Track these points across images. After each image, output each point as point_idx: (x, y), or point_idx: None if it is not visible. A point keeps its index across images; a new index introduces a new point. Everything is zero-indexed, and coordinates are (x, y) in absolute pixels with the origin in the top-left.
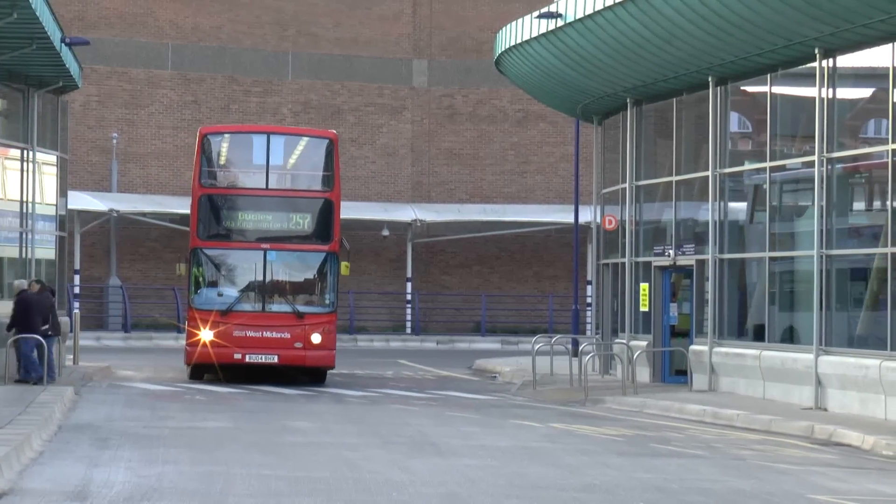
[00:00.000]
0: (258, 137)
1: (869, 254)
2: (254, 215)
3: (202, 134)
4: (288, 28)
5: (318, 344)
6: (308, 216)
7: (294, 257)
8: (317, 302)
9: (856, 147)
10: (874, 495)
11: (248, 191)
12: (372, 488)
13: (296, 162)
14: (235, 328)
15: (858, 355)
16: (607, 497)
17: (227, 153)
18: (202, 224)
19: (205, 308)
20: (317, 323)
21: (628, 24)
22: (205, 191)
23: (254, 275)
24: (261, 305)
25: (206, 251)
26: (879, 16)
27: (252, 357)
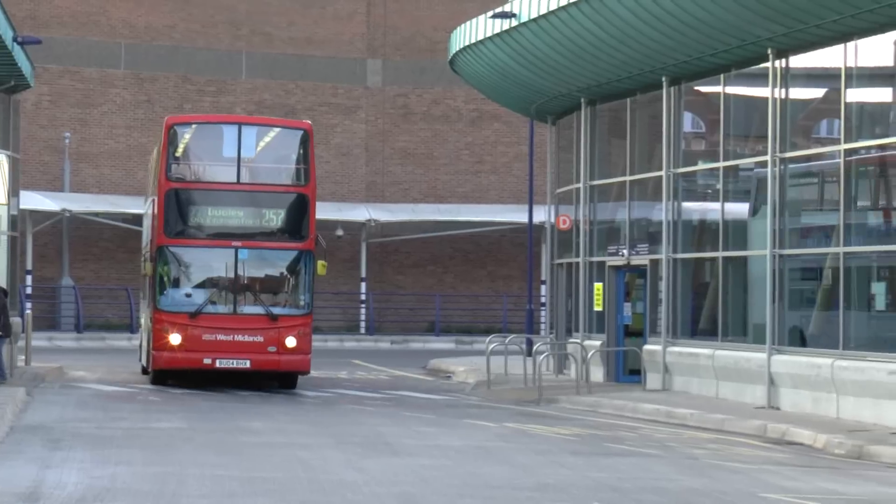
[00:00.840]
0: (228, 128)
1: (821, 253)
2: (224, 211)
3: (169, 124)
4: (241, 27)
5: (292, 348)
6: (282, 212)
7: (267, 256)
8: (291, 303)
9: (808, 147)
10: (826, 493)
11: (218, 185)
12: (326, 488)
13: (268, 154)
14: (205, 331)
15: (811, 354)
16: (561, 496)
17: (196, 145)
18: (169, 220)
19: (172, 310)
20: (291, 325)
21: (582, 25)
22: (172, 185)
23: (224, 274)
24: (232, 307)
25: (173, 249)
26: (832, 16)
27: (223, 362)
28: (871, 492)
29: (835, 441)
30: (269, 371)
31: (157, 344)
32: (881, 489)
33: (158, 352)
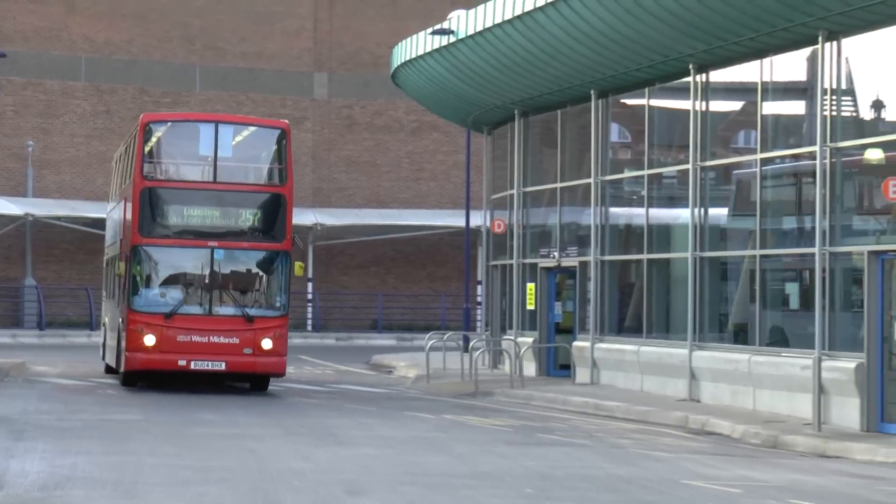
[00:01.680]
0: (205, 126)
1: (739, 255)
2: (200, 210)
3: (144, 122)
4: (195, 42)
5: (268, 350)
6: (258, 212)
7: (243, 256)
8: (267, 304)
9: (727, 156)
10: (743, 480)
11: (194, 184)
12: (275, 476)
13: (245, 153)
14: (180, 332)
15: (729, 350)
16: (496, 483)
17: (172, 143)
18: (143, 219)
19: (146, 310)
20: (267, 327)
21: (516, 41)
22: (147, 183)
23: (200, 275)
24: (207, 308)
25: (147, 249)
26: (749, 34)
27: (198, 364)
28: (786, 479)
29: (752, 431)
30: (245, 373)
31: (130, 345)
32: (794, 476)
33: (132, 353)
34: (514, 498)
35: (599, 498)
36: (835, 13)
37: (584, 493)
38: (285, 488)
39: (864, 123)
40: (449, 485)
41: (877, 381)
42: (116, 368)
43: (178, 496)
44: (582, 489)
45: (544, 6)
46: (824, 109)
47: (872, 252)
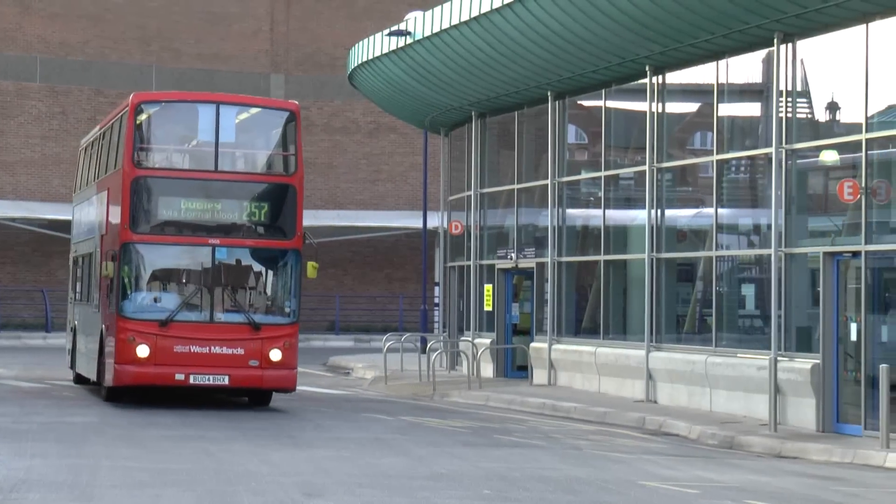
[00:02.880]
0: (205, 108)
1: (695, 257)
2: (200, 203)
3: (135, 102)
4: (152, 43)
5: (277, 362)
6: (266, 205)
7: (249, 255)
8: (276, 310)
9: (684, 157)
10: (700, 481)
11: (193, 173)
12: (232, 478)
13: (250, 138)
14: (177, 342)
15: (686, 351)
16: (453, 485)
17: (167, 126)
18: (136, 213)
19: (138, 317)
20: (276, 336)
21: (473, 42)
22: (139, 172)
23: (200, 276)
24: (208, 314)
25: (139, 247)
26: (704, 35)
27: (198, 378)
28: (742, 479)
29: (708, 432)
30: (250, 388)
31: (120, 356)
32: (751, 476)
33: (123, 365)
34: (472, 499)
35: (556, 499)
36: (790, 15)
37: (541, 494)
38: (243, 490)
39: (819, 125)
40: (407, 486)
41: (832, 381)
42: (98, 381)
43: (134, 498)
44: (539, 490)
45: (501, 8)
46: (780, 111)
47: (828, 253)
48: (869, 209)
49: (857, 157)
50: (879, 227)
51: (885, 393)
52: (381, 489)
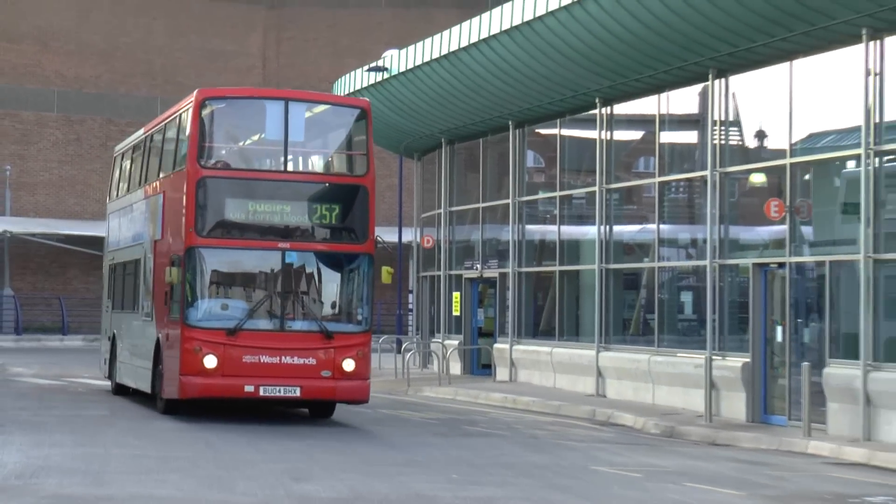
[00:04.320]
0: (273, 105)
1: (639, 267)
2: (269, 205)
3: (200, 99)
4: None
5: (350, 372)
6: (337, 207)
7: (320, 259)
8: (348, 317)
9: (629, 179)
10: (644, 466)
11: (262, 174)
12: (229, 465)
13: (320, 137)
14: (246, 352)
15: (632, 351)
16: (427, 470)
17: (233, 124)
18: (201, 216)
19: (204, 325)
20: (349, 345)
21: (443, 77)
22: (205, 173)
23: (269, 282)
24: (278, 322)
25: (205, 251)
26: (648, 71)
27: (268, 390)
28: (681, 464)
29: (651, 423)
30: (322, 400)
31: (186, 367)
32: (689, 462)
33: (188, 377)
34: (443, 483)
35: (518, 482)
36: (723, 54)
37: (503, 478)
38: (238, 476)
39: (749, 151)
40: (386, 472)
41: (760, 377)
42: (153, 393)
43: (141, 483)
44: (502, 475)
45: (468, 46)
46: (714, 138)
47: (757, 264)
48: (793, 225)
49: (783, 179)
50: (802, 241)
51: (807, 388)
52: (362, 474)
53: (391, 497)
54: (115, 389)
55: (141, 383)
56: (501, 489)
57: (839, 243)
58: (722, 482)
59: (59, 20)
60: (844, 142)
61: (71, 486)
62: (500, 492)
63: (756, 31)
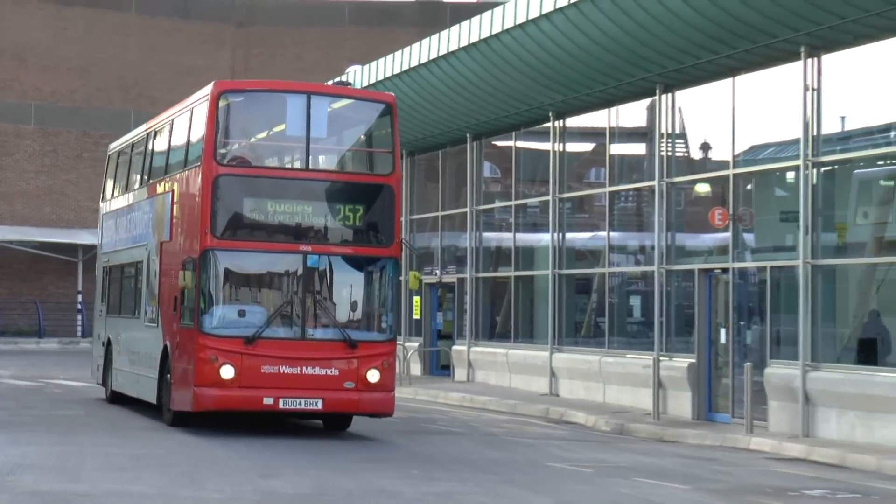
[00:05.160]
0: (295, 99)
1: (591, 273)
2: (289, 206)
3: (217, 92)
4: (130, 91)
5: (375, 383)
6: (361, 208)
7: (343, 263)
8: (373, 325)
9: (581, 189)
10: (596, 462)
11: (283, 171)
12: (200, 462)
13: (344, 133)
14: (265, 362)
15: (583, 352)
16: (389, 466)
17: (253, 119)
18: (218, 216)
19: (220, 333)
20: (373, 354)
21: (403, 91)
22: (222, 170)
23: (289, 287)
24: (299, 330)
25: (222, 254)
26: (598, 86)
27: (288, 402)
28: (631, 459)
29: (602, 421)
30: (345, 413)
31: (200, 378)
32: (638, 458)
33: (203, 388)
34: (404, 478)
35: (476, 478)
36: (670, 70)
37: (462, 473)
38: (209, 473)
39: (694, 162)
40: (350, 468)
41: (705, 377)
42: (159, 404)
43: (115, 479)
44: (459, 470)
45: (427, 62)
46: (661, 150)
47: (702, 270)
48: (736, 233)
49: (726, 189)
50: (744, 248)
51: (749, 387)
52: (327, 470)
53: (355, 492)
54: (111, 398)
55: (144, 393)
56: (461, 484)
57: (779, 250)
58: (669, 477)
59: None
60: (784, 153)
61: (47, 482)
62: (459, 487)
63: (701, 48)
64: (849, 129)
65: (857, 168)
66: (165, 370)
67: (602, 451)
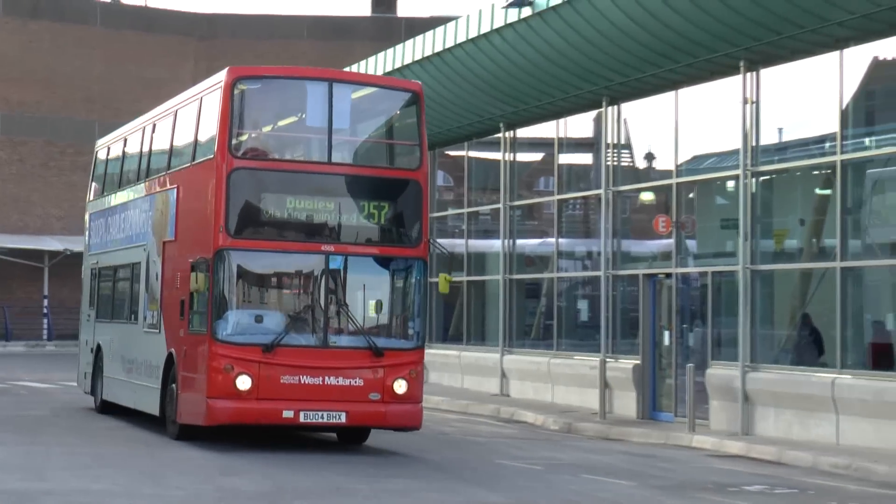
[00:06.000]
0: (316, 87)
1: (540, 278)
2: (311, 202)
3: (232, 78)
4: (95, 102)
5: (402, 395)
6: (387, 205)
7: (368, 264)
8: (399, 332)
9: (531, 197)
10: (545, 459)
11: (303, 165)
12: (164, 462)
13: (367, 125)
14: (285, 372)
15: (533, 354)
16: (346, 465)
17: (270, 108)
18: (233, 213)
19: (236, 341)
20: (400, 364)
21: None
22: (239, 163)
23: (310, 290)
24: (321, 337)
25: (238, 254)
26: (547, 98)
27: (309, 415)
28: (578, 457)
29: (551, 420)
30: (369, 427)
31: (214, 389)
32: (585, 455)
33: (216, 400)
34: (361, 476)
35: (430, 475)
36: (615, 83)
37: (415, 471)
38: (171, 471)
39: (639, 171)
40: (308, 467)
41: (650, 378)
42: (162, 416)
43: (79, 478)
44: (413, 468)
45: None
46: (607, 160)
47: (646, 274)
48: (678, 239)
49: (669, 197)
50: (686, 254)
51: (691, 387)
52: (287, 469)
53: (313, 490)
54: (101, 407)
55: (144, 404)
56: (415, 482)
57: (720, 255)
58: (615, 474)
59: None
60: (724, 163)
61: (12, 480)
62: (414, 484)
63: (645, 62)
64: (786, 140)
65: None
66: (169, 380)
67: (551, 449)
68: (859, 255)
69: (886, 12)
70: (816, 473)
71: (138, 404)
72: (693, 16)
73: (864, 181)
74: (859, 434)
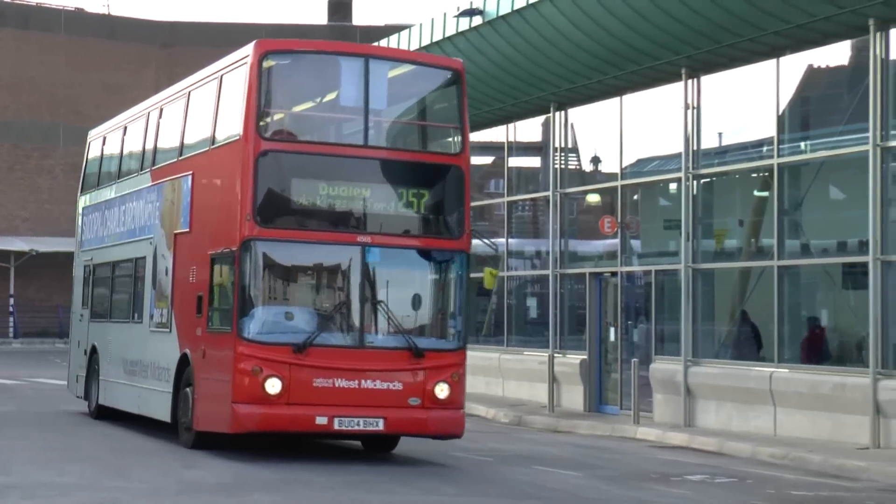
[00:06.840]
0: (350, 63)
1: None
2: (346, 189)
3: (260, 52)
4: (60, 107)
5: (444, 400)
6: (426, 192)
7: (407, 257)
8: (441, 331)
9: (482, 199)
10: (495, 451)
11: (338, 149)
12: (128, 454)
13: (406, 105)
14: (318, 374)
15: (484, 350)
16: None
17: (300, 86)
18: (261, 200)
19: (265, 340)
20: (442, 366)
21: None
22: (268, 145)
23: (345, 285)
24: (357, 337)
25: (267, 245)
26: (497, 104)
27: (344, 422)
28: (527, 449)
29: (501, 413)
30: (410, 435)
31: (240, 393)
32: (533, 447)
33: (243, 405)
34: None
35: (382, 469)
36: (563, 89)
37: (372, 464)
38: (134, 464)
39: (585, 174)
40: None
41: (596, 372)
42: (174, 422)
43: (45, 471)
44: (369, 460)
45: None
46: (556, 163)
47: (593, 273)
48: (623, 239)
49: (615, 199)
50: (631, 253)
51: (636, 381)
52: (248, 463)
53: (272, 481)
54: (97, 412)
55: (151, 409)
56: (372, 475)
57: (663, 255)
58: (564, 464)
59: None
60: (667, 166)
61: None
62: (371, 476)
63: (591, 69)
64: (726, 144)
65: (732, 179)
66: (183, 383)
67: (502, 441)
68: (796, 255)
69: (820, 22)
70: (755, 463)
71: (144, 409)
72: (636, 25)
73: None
74: (795, 425)
